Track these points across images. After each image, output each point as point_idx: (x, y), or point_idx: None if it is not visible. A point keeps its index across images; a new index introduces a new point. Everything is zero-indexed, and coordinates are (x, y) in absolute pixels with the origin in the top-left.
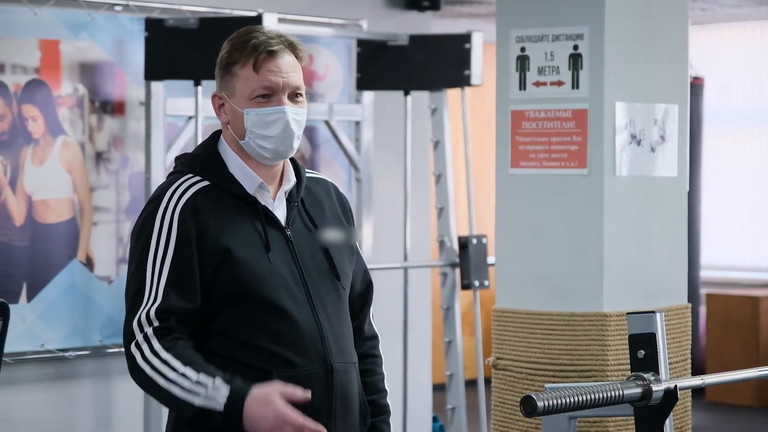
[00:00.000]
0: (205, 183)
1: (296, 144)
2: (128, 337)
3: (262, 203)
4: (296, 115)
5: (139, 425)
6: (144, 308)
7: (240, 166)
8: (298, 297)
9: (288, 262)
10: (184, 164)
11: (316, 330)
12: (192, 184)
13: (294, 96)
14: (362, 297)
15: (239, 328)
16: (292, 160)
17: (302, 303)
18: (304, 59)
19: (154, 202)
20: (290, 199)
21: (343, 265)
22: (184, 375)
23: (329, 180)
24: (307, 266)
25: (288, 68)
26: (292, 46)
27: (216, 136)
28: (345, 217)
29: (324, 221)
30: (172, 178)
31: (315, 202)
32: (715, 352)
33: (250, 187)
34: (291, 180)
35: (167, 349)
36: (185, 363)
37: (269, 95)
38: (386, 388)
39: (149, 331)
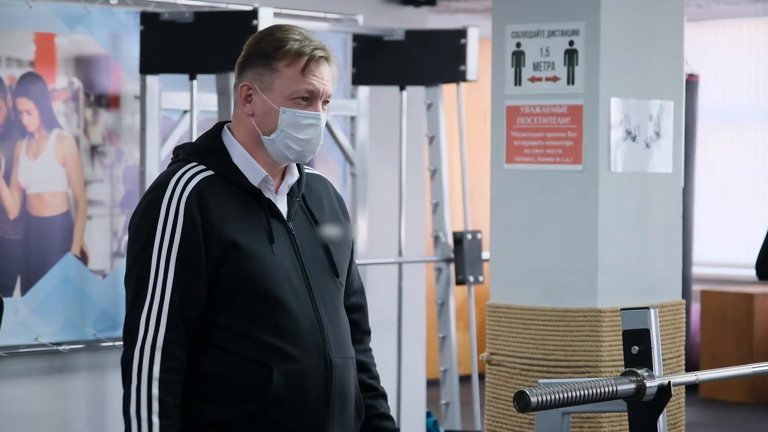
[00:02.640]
0: (210, 172)
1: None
2: (129, 346)
3: (266, 196)
4: (324, 123)
5: None
6: (149, 318)
7: (245, 159)
8: (299, 290)
9: (290, 255)
10: (188, 153)
11: (316, 324)
12: (197, 173)
13: (324, 103)
14: (356, 295)
15: (240, 321)
16: None
17: (303, 297)
18: (338, 71)
19: (157, 189)
20: (291, 193)
21: (342, 261)
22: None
23: (326, 177)
24: (308, 260)
25: (329, 77)
26: (333, 58)
27: (219, 127)
28: (342, 214)
29: (324, 217)
30: (176, 166)
31: (314, 198)
32: (708, 349)
33: (254, 180)
34: (294, 174)
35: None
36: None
37: (309, 99)
38: (381, 386)
39: (155, 373)
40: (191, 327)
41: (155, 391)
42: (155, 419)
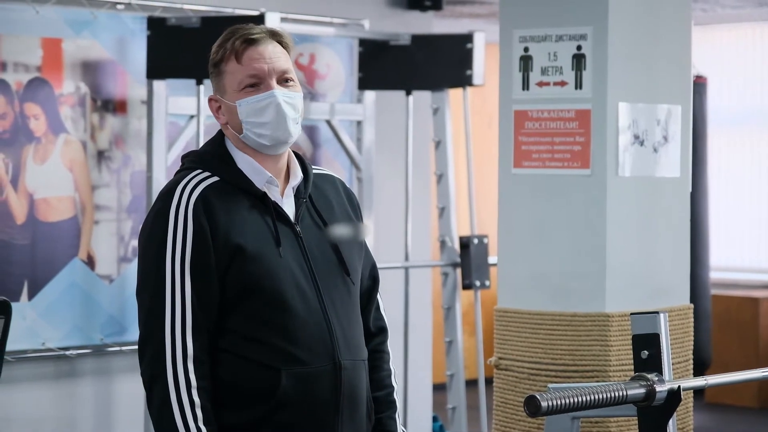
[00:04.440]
0: (215, 179)
1: (294, 128)
2: (155, 357)
3: (272, 199)
4: (287, 98)
5: (139, 424)
6: (174, 327)
7: (248, 162)
8: (307, 293)
9: (297, 258)
10: (193, 161)
11: (325, 327)
12: (202, 180)
13: (284, 81)
14: (368, 293)
15: (249, 325)
16: (297, 156)
17: (311, 299)
18: (289, 46)
19: (164, 198)
20: (298, 195)
21: (353, 260)
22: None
23: (336, 176)
24: (317, 262)
25: (272, 54)
26: (274, 34)
27: (223, 133)
28: (353, 212)
29: (333, 217)
30: (182, 174)
31: (323, 198)
32: (714, 353)
33: (259, 182)
34: (298, 176)
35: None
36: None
37: (257, 83)
38: (394, 384)
39: (193, 387)
40: (210, 333)
41: (196, 399)
42: (202, 427)
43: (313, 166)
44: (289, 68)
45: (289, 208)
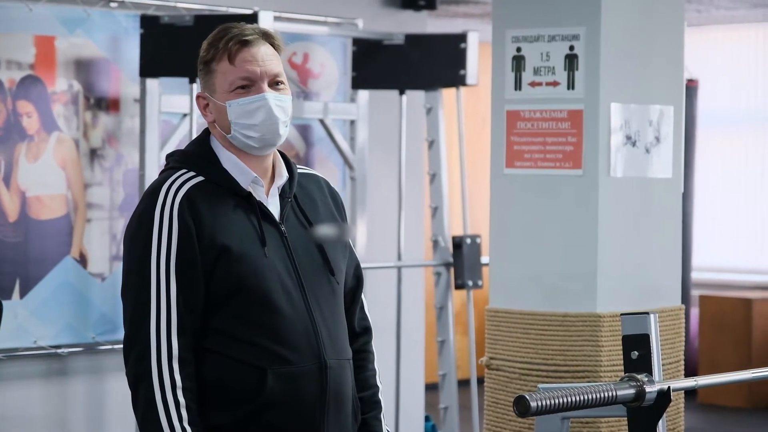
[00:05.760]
0: (200, 178)
1: (283, 131)
2: (141, 357)
3: (257, 198)
4: (278, 101)
5: (131, 422)
6: (159, 328)
7: (233, 161)
8: (292, 293)
9: (282, 257)
10: (177, 160)
11: (310, 326)
12: (187, 180)
13: (275, 84)
14: (352, 292)
15: (234, 325)
16: (283, 156)
17: (296, 299)
18: (281, 48)
19: (149, 198)
20: (283, 194)
21: (337, 260)
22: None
23: (321, 176)
24: (302, 262)
25: (264, 57)
26: (267, 36)
27: (208, 132)
28: (338, 212)
29: (317, 217)
30: (166, 174)
31: (308, 198)
32: (707, 354)
33: (243, 182)
34: (283, 175)
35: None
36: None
37: (248, 85)
38: (379, 383)
39: (178, 381)
40: (195, 332)
41: (181, 399)
42: (187, 427)
43: (299, 166)
44: (281, 71)
45: (274, 207)
